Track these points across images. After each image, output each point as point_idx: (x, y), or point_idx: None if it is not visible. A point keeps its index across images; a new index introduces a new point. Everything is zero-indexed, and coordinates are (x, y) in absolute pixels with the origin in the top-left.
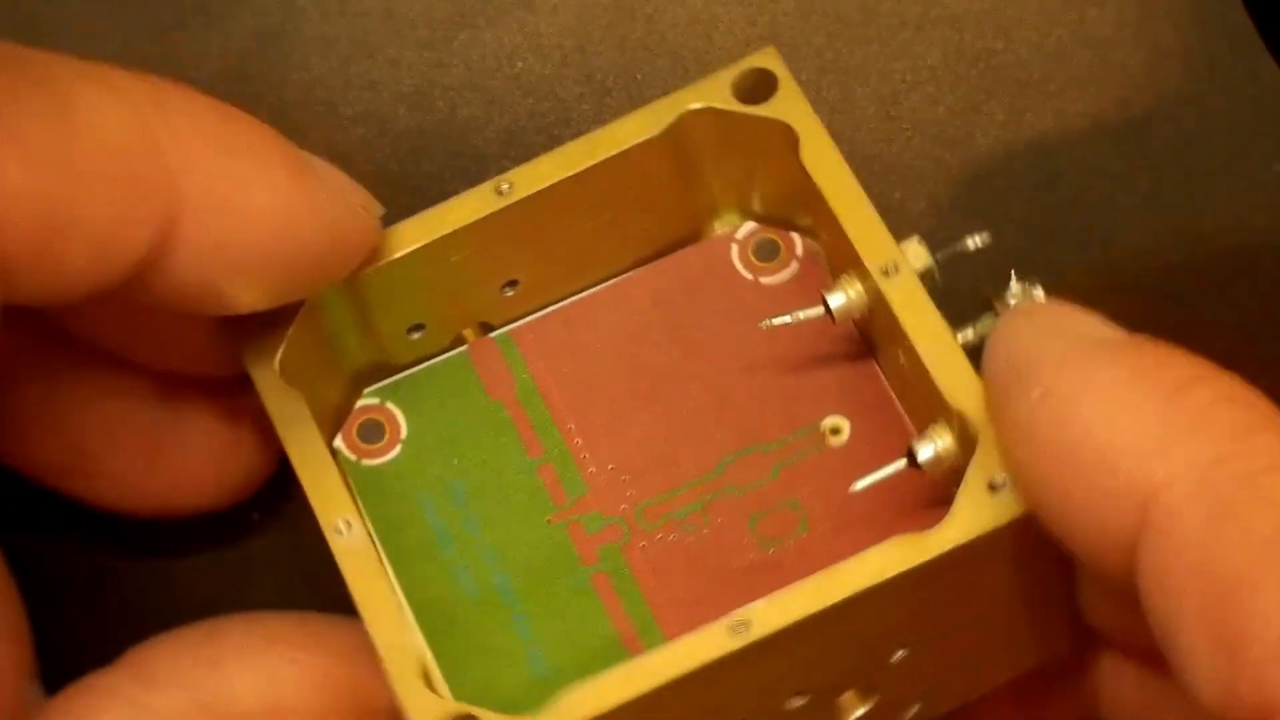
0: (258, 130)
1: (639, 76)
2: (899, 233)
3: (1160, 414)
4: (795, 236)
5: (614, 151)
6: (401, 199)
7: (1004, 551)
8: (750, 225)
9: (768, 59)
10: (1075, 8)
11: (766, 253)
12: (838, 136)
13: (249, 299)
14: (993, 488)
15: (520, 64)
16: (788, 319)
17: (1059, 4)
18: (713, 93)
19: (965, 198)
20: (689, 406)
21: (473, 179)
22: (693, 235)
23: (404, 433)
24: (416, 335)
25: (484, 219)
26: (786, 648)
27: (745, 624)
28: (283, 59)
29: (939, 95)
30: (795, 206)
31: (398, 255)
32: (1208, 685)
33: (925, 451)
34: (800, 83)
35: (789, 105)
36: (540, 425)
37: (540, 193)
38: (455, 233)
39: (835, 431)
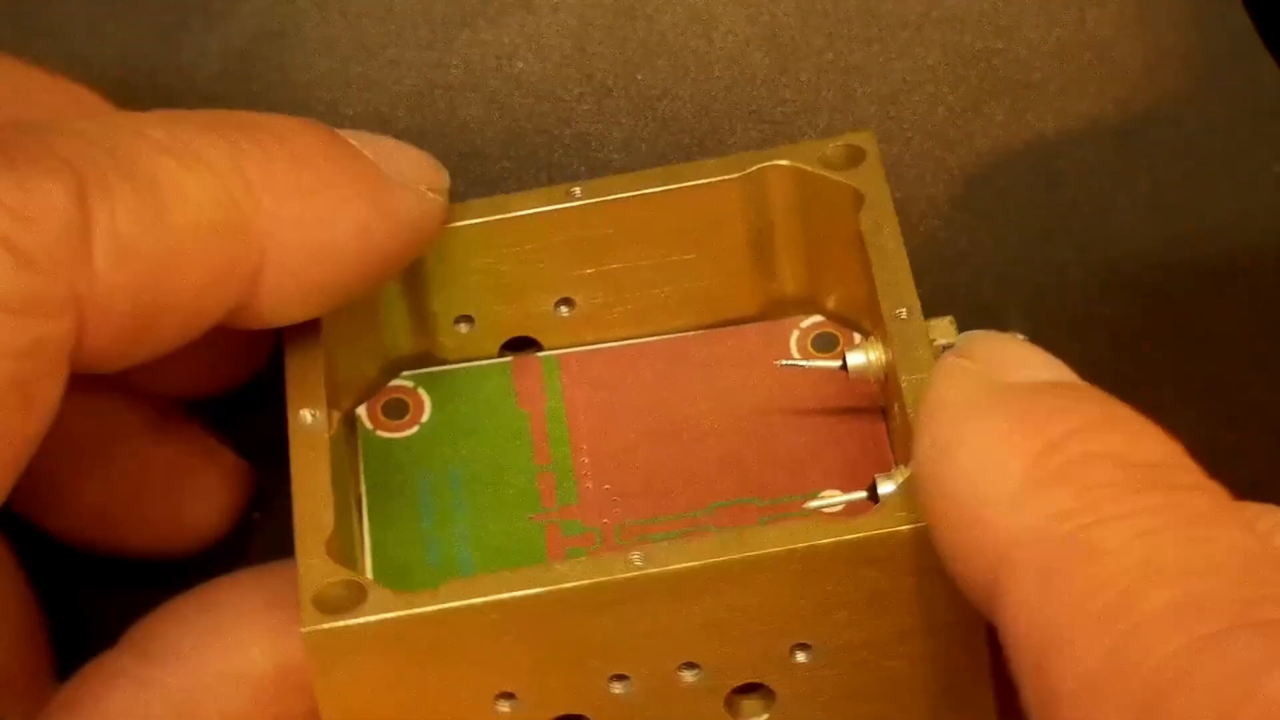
0: (328, 154)
1: (639, 76)
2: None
3: (1024, 469)
4: (857, 336)
5: (689, 183)
6: None
7: (915, 566)
8: (817, 317)
9: (864, 139)
10: (1075, 8)
11: (825, 344)
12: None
13: (321, 311)
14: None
15: (520, 64)
16: (803, 363)
17: (1059, 4)
18: (801, 157)
19: (965, 198)
20: (700, 454)
21: (473, 179)
22: (759, 317)
23: (425, 416)
24: (464, 328)
25: (548, 213)
26: (682, 594)
27: (644, 557)
28: (283, 59)
29: (939, 95)
30: (864, 310)
31: (457, 224)
32: None
33: (886, 487)
34: (800, 83)
35: (866, 176)
36: (555, 440)
37: (607, 203)
38: (518, 219)
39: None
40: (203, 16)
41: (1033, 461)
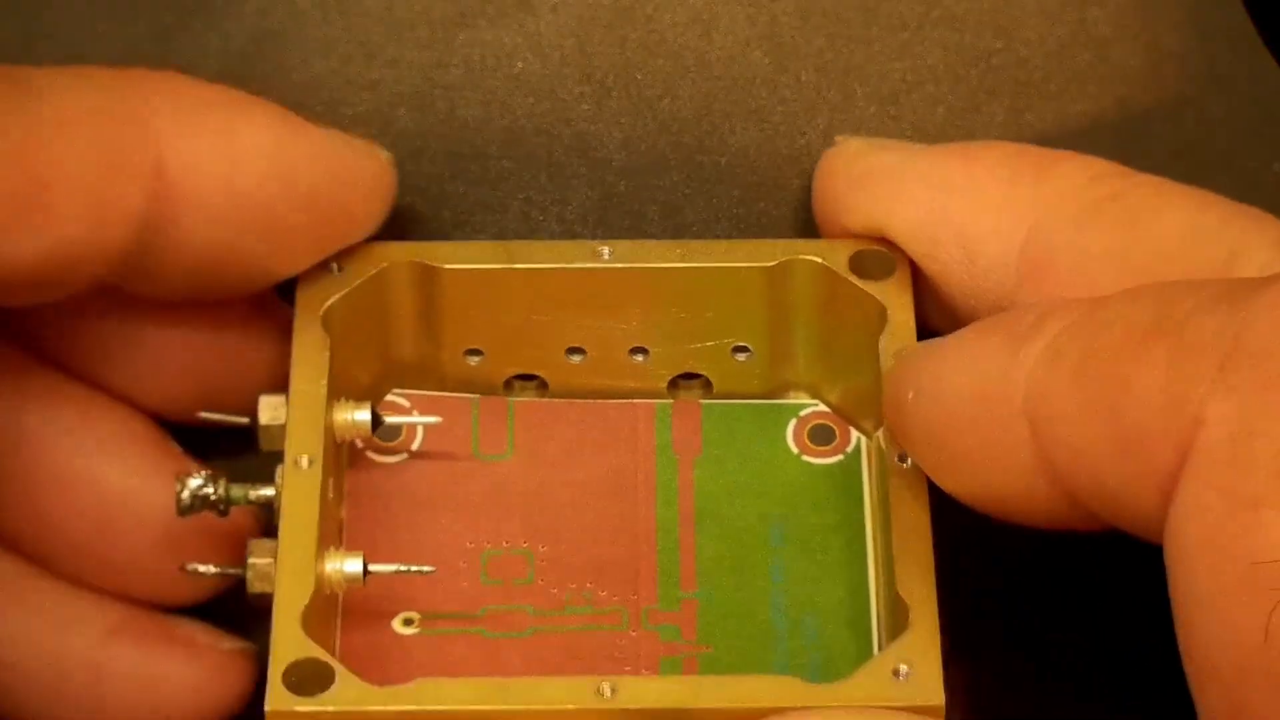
0: (235, 91)
1: (639, 76)
2: None
3: (1001, 340)
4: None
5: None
6: (401, 199)
7: None
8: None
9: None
10: (1075, 8)
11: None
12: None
13: (273, 259)
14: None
15: (520, 64)
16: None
17: (1059, 4)
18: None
19: None
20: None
21: (473, 179)
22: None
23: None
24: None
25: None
26: None
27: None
28: (283, 59)
29: (939, 95)
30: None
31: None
32: None
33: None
34: (800, 83)
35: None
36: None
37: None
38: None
39: None
40: (203, 16)
41: (1009, 330)
